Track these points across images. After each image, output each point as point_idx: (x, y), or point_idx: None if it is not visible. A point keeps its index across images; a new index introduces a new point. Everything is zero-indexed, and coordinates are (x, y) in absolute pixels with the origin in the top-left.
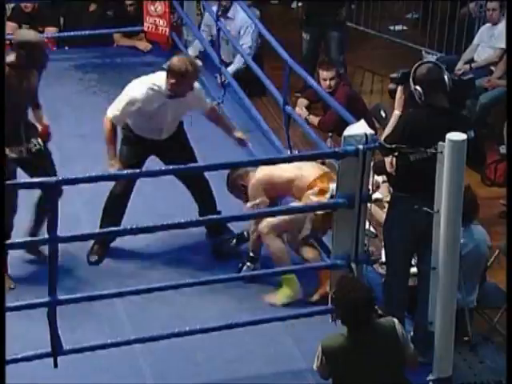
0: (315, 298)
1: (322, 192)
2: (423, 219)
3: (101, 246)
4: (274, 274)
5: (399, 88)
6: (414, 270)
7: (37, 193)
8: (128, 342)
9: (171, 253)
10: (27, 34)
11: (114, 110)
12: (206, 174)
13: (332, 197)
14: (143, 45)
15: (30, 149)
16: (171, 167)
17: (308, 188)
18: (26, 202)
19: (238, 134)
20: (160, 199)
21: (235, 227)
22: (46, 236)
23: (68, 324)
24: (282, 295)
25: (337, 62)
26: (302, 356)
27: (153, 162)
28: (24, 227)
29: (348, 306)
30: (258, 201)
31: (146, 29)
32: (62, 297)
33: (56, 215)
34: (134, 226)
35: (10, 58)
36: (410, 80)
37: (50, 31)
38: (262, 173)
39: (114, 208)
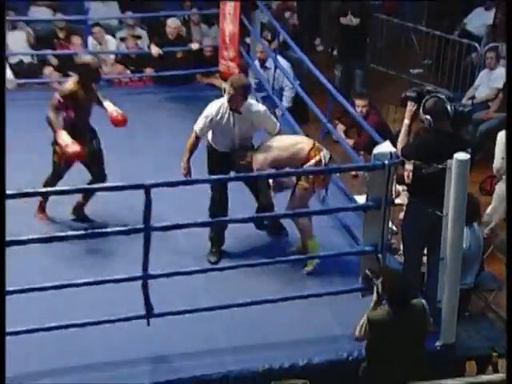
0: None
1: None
2: (433, 220)
3: (217, 248)
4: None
5: (409, 102)
6: (425, 259)
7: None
8: (204, 309)
9: (233, 242)
10: (84, 57)
11: (198, 124)
12: None
13: (325, 165)
14: (218, 82)
15: (93, 146)
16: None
17: (307, 158)
18: None
19: None
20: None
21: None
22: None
23: (157, 294)
24: (309, 264)
25: None
26: (339, 326)
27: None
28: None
29: (393, 291)
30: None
31: (221, 69)
32: (153, 272)
33: (150, 210)
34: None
35: (75, 77)
36: (421, 111)
37: (148, 71)
38: (262, 157)
39: (218, 209)
